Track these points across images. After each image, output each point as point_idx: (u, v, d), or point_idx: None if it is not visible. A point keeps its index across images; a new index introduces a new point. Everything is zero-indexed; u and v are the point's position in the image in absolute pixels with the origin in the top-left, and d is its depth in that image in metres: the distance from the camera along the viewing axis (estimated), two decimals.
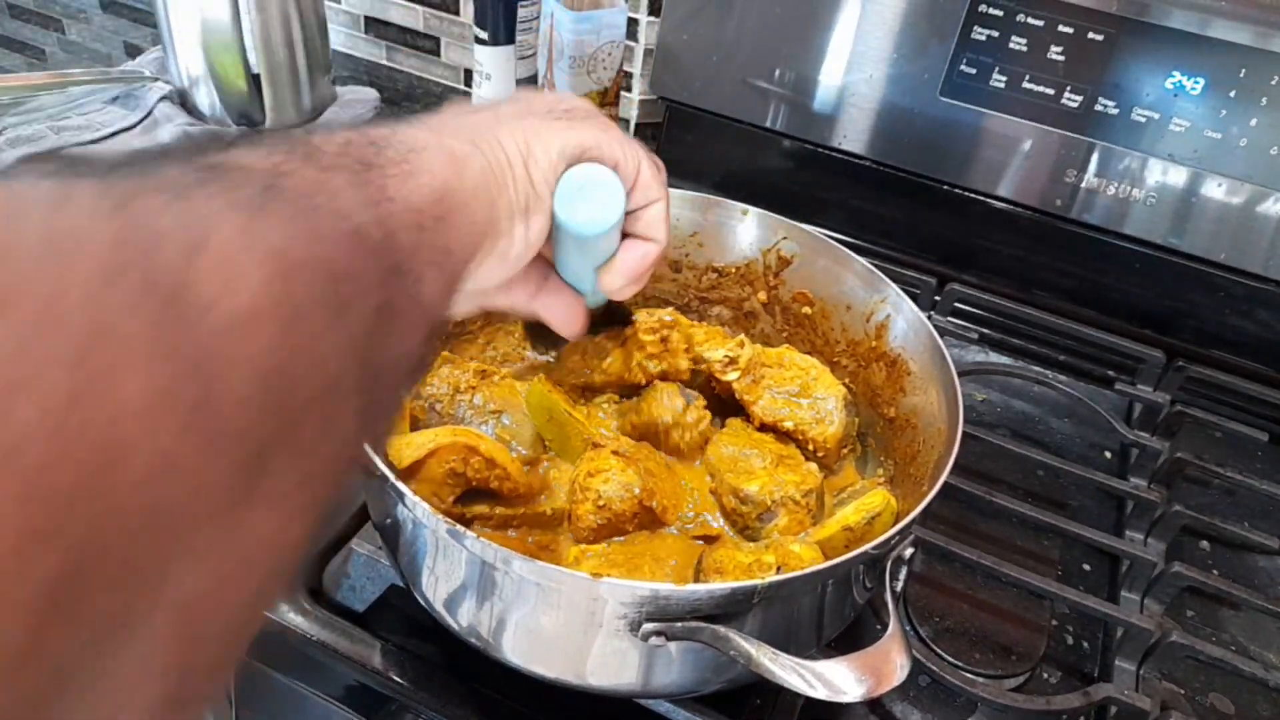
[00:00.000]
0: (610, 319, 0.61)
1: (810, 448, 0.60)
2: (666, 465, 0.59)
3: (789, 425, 0.60)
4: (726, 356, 0.62)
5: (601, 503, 0.53)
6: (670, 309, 0.65)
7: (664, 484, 0.57)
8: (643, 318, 0.63)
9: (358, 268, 0.26)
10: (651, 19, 0.98)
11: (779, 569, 0.50)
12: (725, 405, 0.64)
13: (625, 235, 0.47)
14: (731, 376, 0.61)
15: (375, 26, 1.16)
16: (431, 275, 0.30)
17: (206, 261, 0.21)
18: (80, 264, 0.18)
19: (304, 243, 0.24)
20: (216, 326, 0.20)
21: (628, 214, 0.45)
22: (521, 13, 0.93)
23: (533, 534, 0.56)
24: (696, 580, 0.52)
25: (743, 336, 0.64)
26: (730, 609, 0.43)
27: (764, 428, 0.61)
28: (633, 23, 0.98)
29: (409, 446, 0.51)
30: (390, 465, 0.45)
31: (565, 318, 0.49)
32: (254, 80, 0.97)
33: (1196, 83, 0.73)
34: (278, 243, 0.23)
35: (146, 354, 0.18)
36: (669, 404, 0.61)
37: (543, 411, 0.60)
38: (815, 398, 0.60)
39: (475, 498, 0.54)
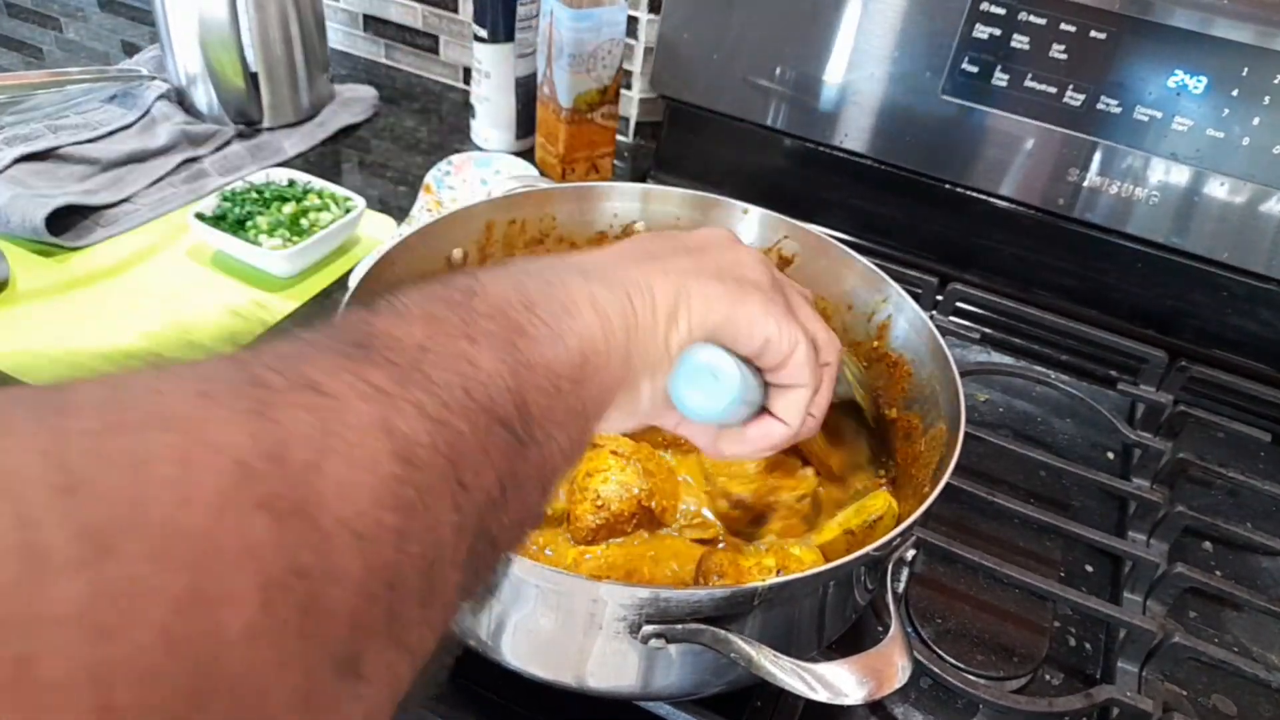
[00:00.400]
0: None
1: (814, 462, 0.59)
2: (668, 468, 0.59)
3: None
4: None
5: (600, 503, 0.53)
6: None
7: (663, 484, 0.56)
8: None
9: (485, 444, 0.25)
10: (651, 17, 0.97)
11: (779, 572, 0.50)
12: None
13: (764, 409, 0.44)
14: None
15: (373, 24, 1.16)
16: (560, 436, 0.30)
17: (334, 466, 0.21)
18: (207, 482, 0.18)
19: (433, 428, 0.24)
20: (333, 536, 0.20)
21: (770, 387, 0.42)
22: (521, 10, 0.93)
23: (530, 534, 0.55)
24: (697, 583, 0.52)
25: None
26: (731, 611, 0.43)
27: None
28: (633, 20, 0.97)
29: None
30: None
31: (705, 443, 0.46)
32: (252, 78, 0.96)
33: (1199, 82, 0.73)
34: (408, 432, 0.23)
35: (257, 581, 0.18)
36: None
37: None
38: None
39: None
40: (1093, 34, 0.74)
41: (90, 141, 0.91)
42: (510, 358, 0.28)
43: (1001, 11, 0.76)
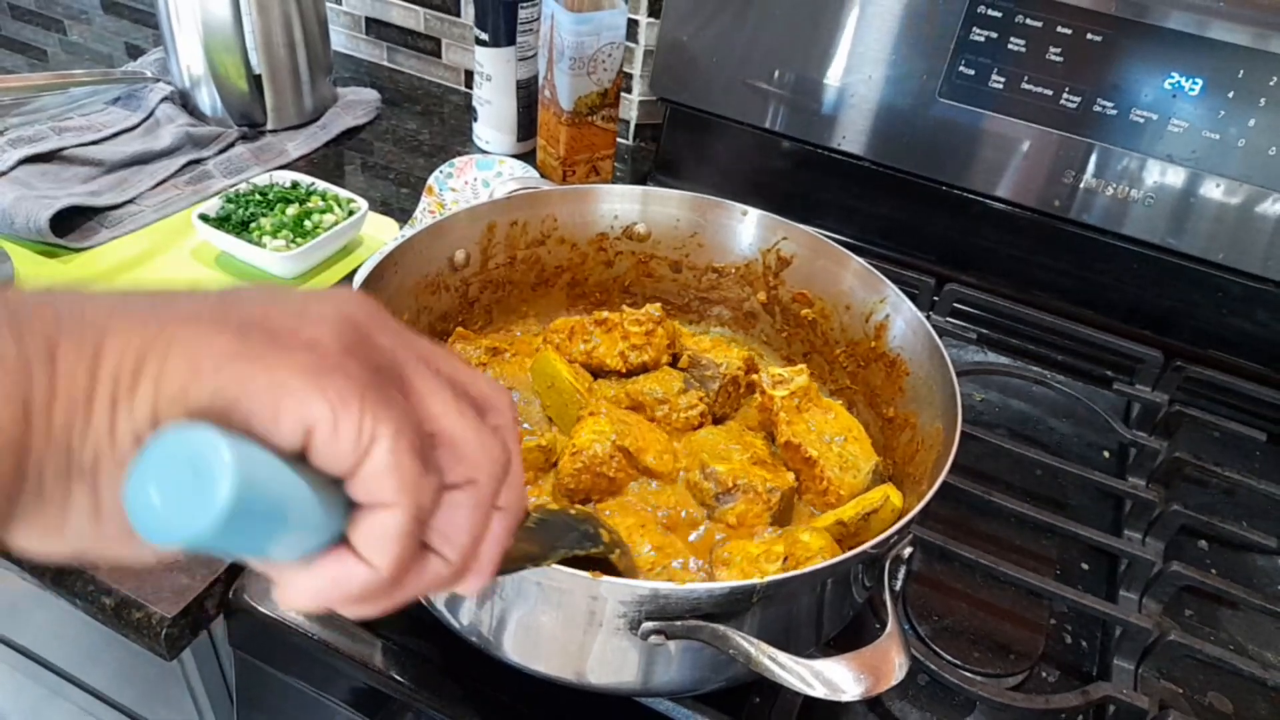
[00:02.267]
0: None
1: (822, 485, 0.59)
2: (641, 419, 0.61)
3: (812, 453, 0.59)
4: (780, 375, 0.62)
5: (575, 450, 0.56)
6: (658, 304, 0.67)
7: (646, 434, 0.58)
8: (629, 310, 0.67)
9: None
10: (651, 20, 0.98)
11: (787, 558, 0.50)
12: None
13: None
14: (780, 393, 0.61)
15: (376, 27, 1.16)
16: None
17: None
18: None
19: None
20: None
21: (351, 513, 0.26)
22: (522, 14, 0.93)
23: None
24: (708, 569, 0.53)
25: (803, 365, 0.64)
26: (730, 608, 0.44)
27: (787, 446, 0.61)
28: (633, 24, 0.98)
29: None
30: None
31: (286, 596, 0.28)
32: (255, 81, 0.97)
33: (1195, 83, 0.73)
34: None
35: None
36: (667, 382, 0.64)
37: (545, 378, 0.62)
38: (848, 450, 0.60)
39: None
40: (1089, 37, 0.75)
41: (94, 143, 0.92)
42: None
43: (998, 14, 0.77)
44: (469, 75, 1.14)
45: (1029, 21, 0.76)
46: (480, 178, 0.94)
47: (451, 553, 0.27)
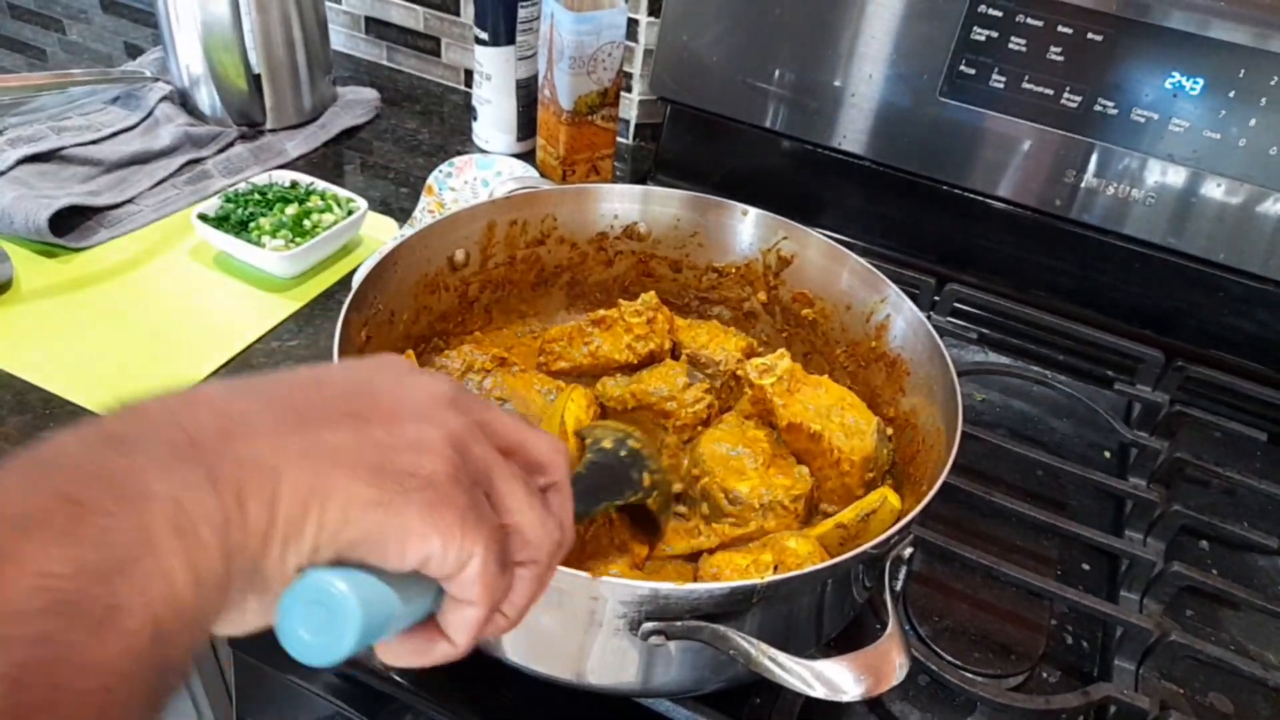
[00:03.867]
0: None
1: (834, 456, 0.59)
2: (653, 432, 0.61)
3: (816, 428, 0.59)
4: (764, 364, 0.62)
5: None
6: (651, 293, 0.68)
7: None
8: (625, 304, 0.67)
9: None
10: (651, 19, 0.98)
11: (776, 567, 0.50)
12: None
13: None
14: (768, 381, 0.61)
15: (375, 27, 1.16)
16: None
17: None
18: None
19: None
20: None
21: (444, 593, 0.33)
22: (522, 13, 0.93)
23: None
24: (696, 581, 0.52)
25: (783, 350, 0.64)
26: (730, 608, 0.43)
27: (790, 429, 0.60)
28: (633, 23, 0.98)
29: None
30: None
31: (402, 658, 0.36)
32: (254, 80, 0.97)
33: (1195, 83, 0.73)
34: None
35: None
36: (670, 378, 0.63)
37: (561, 421, 0.60)
38: (848, 418, 0.60)
39: None
40: (1090, 36, 0.75)
41: (93, 143, 0.92)
42: (21, 712, 0.21)
43: (999, 14, 0.77)
44: (469, 74, 1.13)
45: (1030, 21, 0.76)
46: (480, 177, 0.94)
47: (511, 613, 0.35)
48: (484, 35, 0.95)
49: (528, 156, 1.00)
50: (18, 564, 0.22)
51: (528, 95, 0.98)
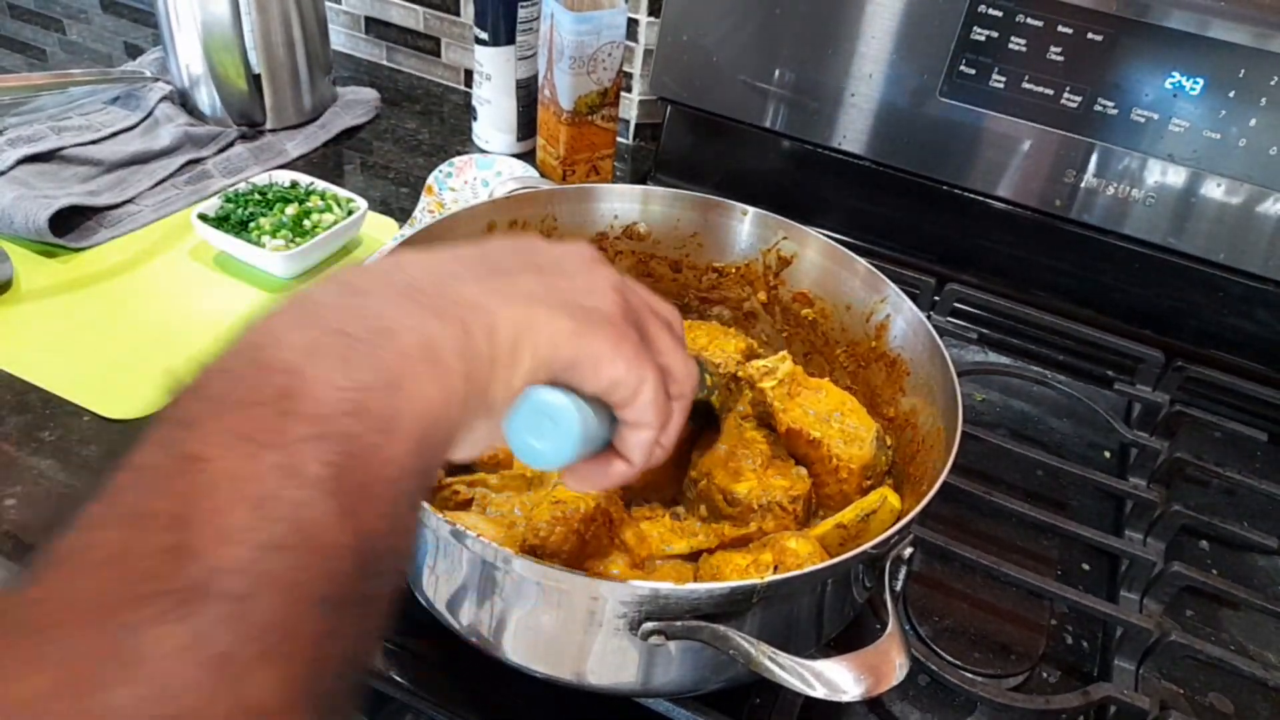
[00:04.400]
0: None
1: (832, 464, 0.59)
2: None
3: (815, 434, 0.59)
4: (765, 366, 0.62)
5: (555, 500, 0.53)
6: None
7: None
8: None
9: (306, 615, 0.24)
10: (651, 19, 0.98)
11: (776, 567, 0.50)
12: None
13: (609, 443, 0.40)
14: (768, 384, 0.61)
15: (375, 27, 1.16)
16: (401, 531, 0.29)
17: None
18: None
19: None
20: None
21: (616, 422, 0.39)
22: (521, 13, 0.93)
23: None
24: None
25: (784, 352, 0.64)
26: (730, 608, 0.43)
27: (789, 434, 0.60)
28: (633, 23, 0.98)
29: None
30: None
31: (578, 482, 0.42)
32: (254, 80, 0.97)
33: (1196, 83, 0.73)
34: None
35: None
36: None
37: None
38: (848, 424, 0.60)
39: (461, 468, 0.57)
40: (1090, 36, 0.75)
41: (93, 143, 0.92)
42: (345, 497, 0.25)
43: (999, 14, 0.77)
44: (468, 74, 1.13)
45: (1030, 21, 0.76)
46: (480, 177, 0.94)
47: (666, 442, 0.40)
48: (484, 35, 0.95)
49: (528, 156, 1.00)
50: (315, 381, 0.26)
51: (528, 95, 0.98)
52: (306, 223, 0.83)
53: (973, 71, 0.80)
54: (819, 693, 0.40)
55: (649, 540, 0.54)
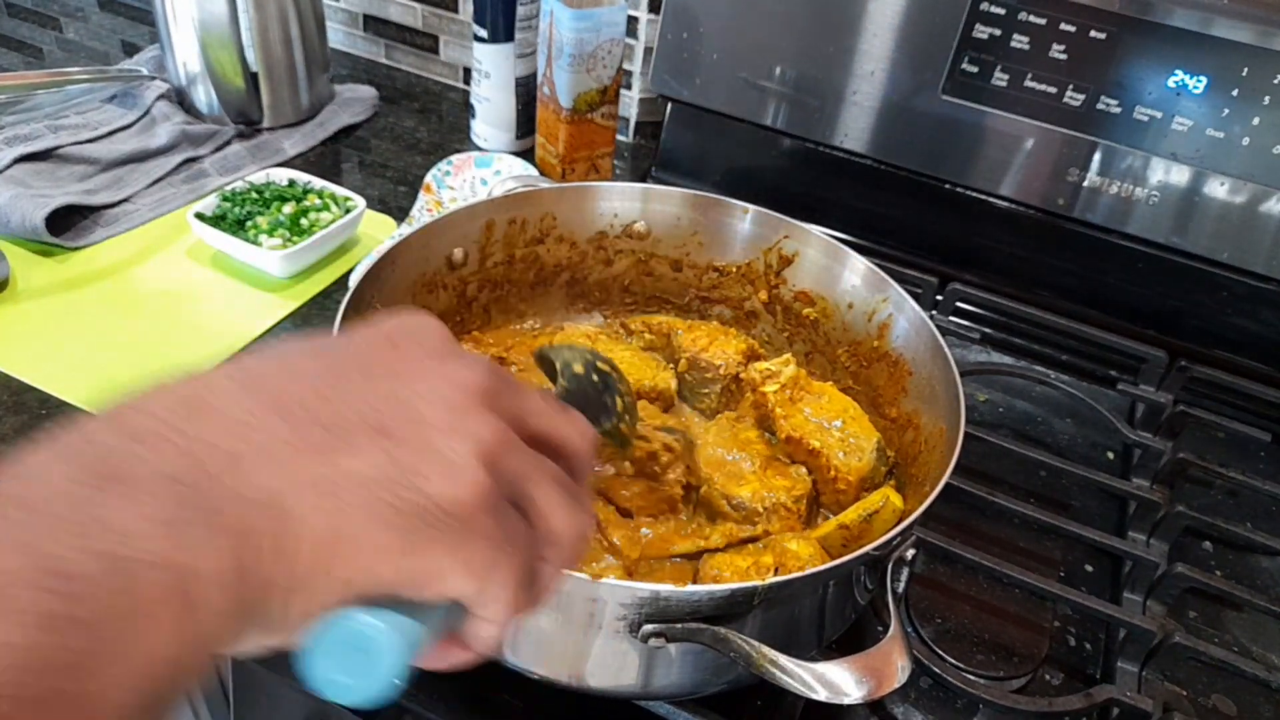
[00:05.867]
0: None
1: (830, 474, 0.58)
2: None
3: (815, 444, 0.59)
4: (769, 370, 0.61)
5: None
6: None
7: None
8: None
9: None
10: (651, 16, 0.97)
11: (777, 569, 0.50)
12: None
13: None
14: (771, 388, 0.61)
15: (373, 24, 1.16)
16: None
17: None
18: None
19: None
20: None
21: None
22: (521, 10, 0.93)
23: None
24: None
25: (789, 355, 0.64)
26: (731, 610, 0.43)
27: (789, 442, 0.60)
28: (632, 20, 0.98)
29: None
30: None
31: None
32: (252, 78, 0.96)
33: (1199, 82, 0.73)
34: None
35: None
36: (654, 435, 0.58)
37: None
38: (849, 433, 0.59)
39: None
40: (1092, 34, 0.74)
41: (90, 141, 0.91)
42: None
43: (1001, 11, 0.76)
44: (467, 72, 1.13)
45: (1032, 19, 0.76)
46: (478, 175, 0.94)
47: (532, 610, 0.33)
48: (483, 32, 0.94)
49: (527, 155, 1.00)
50: None
51: (527, 93, 0.98)
52: (304, 221, 0.82)
53: (975, 69, 0.79)
54: (821, 695, 0.40)
55: (648, 543, 0.54)
